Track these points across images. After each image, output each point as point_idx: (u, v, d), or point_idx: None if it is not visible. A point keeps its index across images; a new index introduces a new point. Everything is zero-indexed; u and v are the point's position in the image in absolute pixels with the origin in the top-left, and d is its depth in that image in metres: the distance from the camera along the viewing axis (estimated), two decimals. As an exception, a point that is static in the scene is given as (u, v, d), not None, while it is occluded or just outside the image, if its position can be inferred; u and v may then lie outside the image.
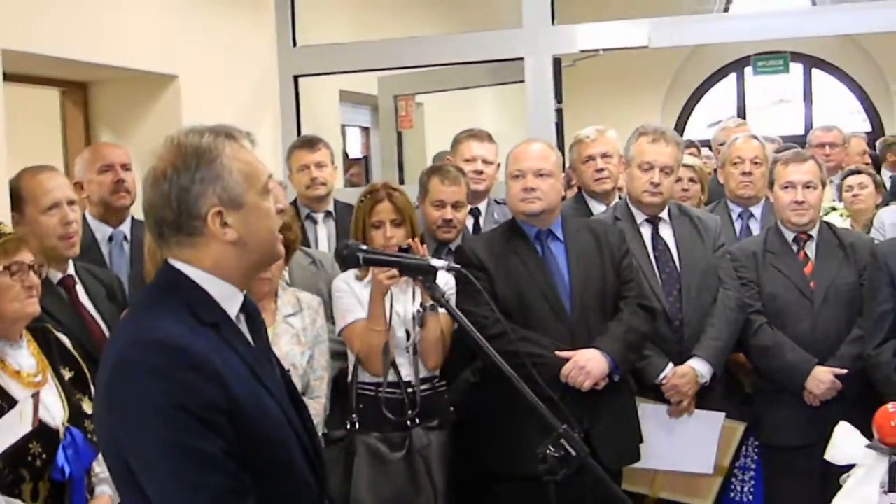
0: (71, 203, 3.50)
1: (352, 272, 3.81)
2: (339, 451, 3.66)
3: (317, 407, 3.68)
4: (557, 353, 3.66)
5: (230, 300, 2.02)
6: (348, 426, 3.72)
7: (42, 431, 2.75)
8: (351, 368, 3.83)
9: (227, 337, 1.97)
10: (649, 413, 3.99)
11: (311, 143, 4.88)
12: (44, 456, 2.83)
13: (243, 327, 2.07)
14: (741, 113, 11.47)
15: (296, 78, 5.75)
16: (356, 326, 3.77)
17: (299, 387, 3.61)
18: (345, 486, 3.62)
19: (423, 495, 3.66)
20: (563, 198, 4.19)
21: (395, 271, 3.47)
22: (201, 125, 2.02)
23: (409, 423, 3.68)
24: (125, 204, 4.16)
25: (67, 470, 2.87)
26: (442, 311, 3.71)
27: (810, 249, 4.21)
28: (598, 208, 4.62)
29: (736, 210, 4.79)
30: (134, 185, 4.19)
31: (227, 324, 2.00)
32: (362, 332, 3.75)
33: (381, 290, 3.66)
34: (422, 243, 3.93)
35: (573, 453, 2.38)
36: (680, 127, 11.36)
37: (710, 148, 6.37)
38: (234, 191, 1.96)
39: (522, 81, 5.59)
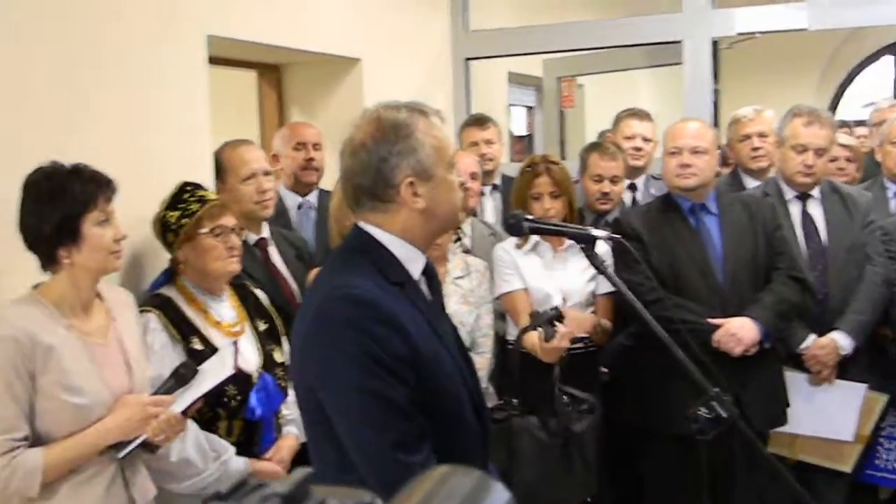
0: (266, 173, 3.61)
1: (512, 240, 3.82)
2: (499, 431, 3.49)
3: (482, 362, 3.70)
4: (709, 320, 3.59)
5: (414, 262, 2.06)
6: (507, 409, 3.56)
7: (238, 376, 2.86)
8: (510, 329, 3.85)
9: (411, 295, 2.02)
10: (790, 381, 3.88)
11: (481, 121, 4.91)
12: (238, 398, 2.95)
13: (423, 287, 2.11)
14: (897, 94, 10.90)
15: (467, 60, 5.77)
16: (511, 297, 3.78)
17: (466, 343, 3.65)
18: (506, 463, 3.59)
19: (576, 474, 3.60)
20: (718, 174, 4.10)
21: (563, 346, 3.34)
22: (396, 101, 2.06)
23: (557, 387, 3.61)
24: (313, 180, 4.27)
25: (259, 411, 2.98)
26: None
27: (968, 226, 3.99)
28: (752, 185, 4.49)
29: (892, 188, 4.55)
30: (322, 162, 4.30)
31: (411, 283, 2.04)
32: (516, 310, 3.74)
33: (551, 357, 3.44)
34: (580, 216, 3.91)
35: (724, 415, 2.35)
36: (833, 107, 10.87)
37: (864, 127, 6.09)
38: (425, 163, 2.00)
39: (680, 63, 5.46)
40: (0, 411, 2.40)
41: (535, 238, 3.75)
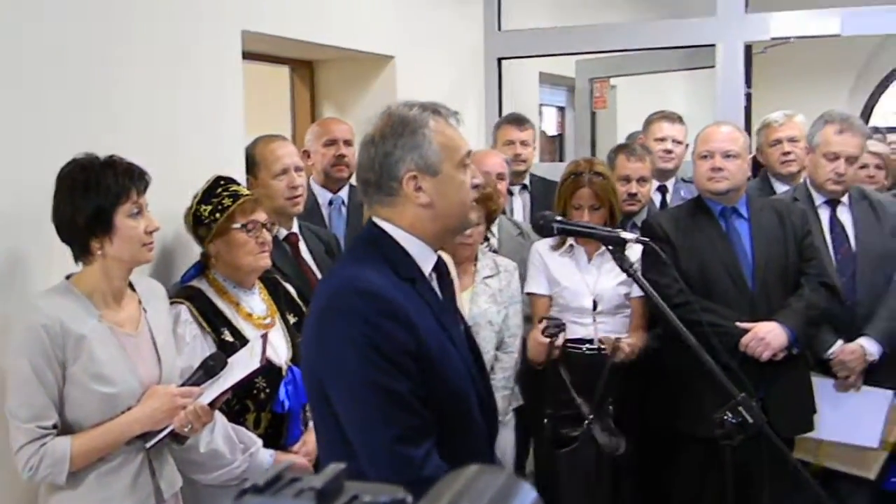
0: (298, 169, 3.62)
1: (549, 242, 3.81)
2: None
3: (509, 361, 3.70)
4: (738, 324, 3.56)
5: (425, 258, 2.07)
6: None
7: (268, 368, 2.86)
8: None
9: (421, 291, 2.03)
10: (817, 386, 3.84)
11: (519, 121, 4.89)
12: (267, 390, 2.96)
13: (434, 284, 2.12)
14: (931, 101, 10.74)
15: (500, 60, 5.75)
16: (534, 299, 3.83)
17: (494, 342, 3.65)
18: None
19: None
20: (749, 178, 4.06)
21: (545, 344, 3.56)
22: (415, 100, 2.07)
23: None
24: (343, 176, 4.27)
25: (287, 403, 2.98)
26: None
27: None
28: (782, 190, 4.46)
29: (922, 196, 4.51)
30: (353, 158, 4.28)
31: (422, 280, 2.05)
32: (533, 312, 3.81)
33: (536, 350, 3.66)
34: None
35: (750, 421, 2.32)
36: (866, 114, 10.74)
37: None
38: (430, 159, 2.01)
39: (713, 67, 5.41)
40: (30, 399, 2.42)
41: (571, 241, 3.75)
